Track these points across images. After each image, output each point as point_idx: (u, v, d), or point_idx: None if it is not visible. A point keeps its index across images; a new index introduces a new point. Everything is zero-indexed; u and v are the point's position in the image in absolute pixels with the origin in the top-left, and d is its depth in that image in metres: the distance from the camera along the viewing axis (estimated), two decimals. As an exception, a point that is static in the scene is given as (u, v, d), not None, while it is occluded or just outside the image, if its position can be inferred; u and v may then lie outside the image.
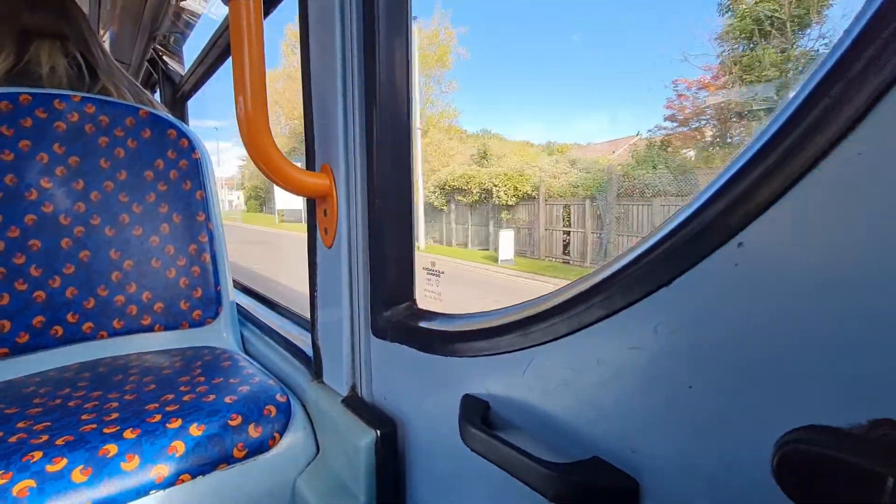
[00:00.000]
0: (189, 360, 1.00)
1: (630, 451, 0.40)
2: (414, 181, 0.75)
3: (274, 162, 0.71)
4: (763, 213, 0.30)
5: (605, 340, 0.41)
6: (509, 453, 0.45)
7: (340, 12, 0.72)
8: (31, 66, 1.15)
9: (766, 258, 0.31)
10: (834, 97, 0.26)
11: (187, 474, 0.70)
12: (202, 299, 1.19)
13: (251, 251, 15.40)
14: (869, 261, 0.26)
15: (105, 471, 0.65)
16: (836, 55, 0.27)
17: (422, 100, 23.45)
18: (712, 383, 0.34)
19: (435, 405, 0.64)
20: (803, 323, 0.29)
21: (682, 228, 0.35)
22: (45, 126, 1.06)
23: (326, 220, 0.80)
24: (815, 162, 0.28)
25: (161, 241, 1.17)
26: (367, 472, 0.71)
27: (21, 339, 0.98)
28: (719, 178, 0.33)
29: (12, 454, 0.64)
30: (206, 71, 1.79)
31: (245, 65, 0.65)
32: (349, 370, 0.81)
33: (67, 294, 1.04)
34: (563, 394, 0.46)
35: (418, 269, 0.78)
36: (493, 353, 0.53)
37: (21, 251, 1.00)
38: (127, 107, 1.18)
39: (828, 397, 0.28)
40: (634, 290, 0.38)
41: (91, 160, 1.11)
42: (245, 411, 0.79)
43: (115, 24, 1.93)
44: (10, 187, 1.01)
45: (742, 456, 0.33)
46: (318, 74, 0.79)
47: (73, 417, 0.74)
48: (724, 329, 0.33)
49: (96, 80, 1.24)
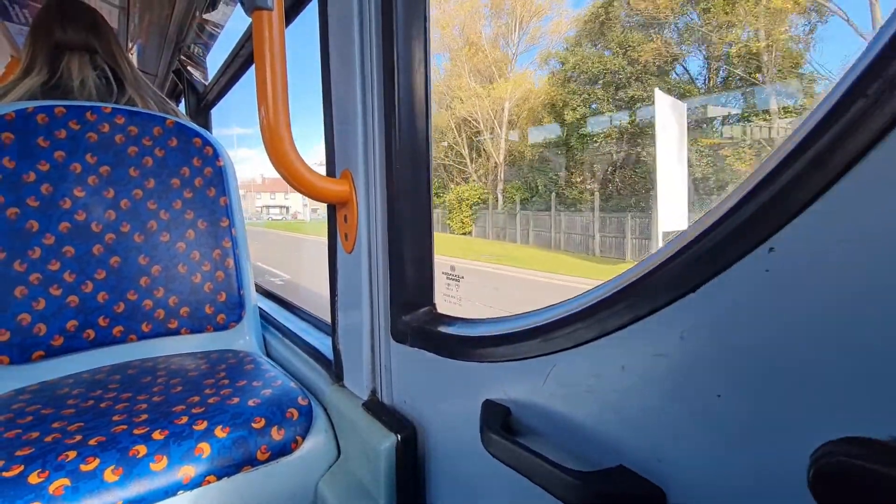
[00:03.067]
0: (214, 363, 1.02)
1: (657, 461, 0.39)
2: (432, 185, 0.76)
3: (295, 169, 0.72)
4: (796, 217, 0.29)
5: (629, 347, 0.41)
6: (531, 460, 0.44)
7: (359, 19, 0.73)
8: (63, 79, 1.20)
9: (799, 263, 0.30)
10: (872, 96, 0.25)
11: (213, 475, 0.72)
12: (226, 303, 1.22)
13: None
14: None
15: (135, 471, 0.67)
16: (873, 53, 0.26)
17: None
18: (742, 392, 0.33)
19: (455, 410, 0.64)
20: (839, 330, 0.28)
21: (709, 233, 0.34)
22: (78, 137, 1.11)
23: (346, 225, 0.81)
24: (852, 163, 0.27)
25: (187, 247, 1.20)
26: (388, 476, 0.71)
27: (56, 342, 1.02)
28: (749, 181, 0.32)
29: (48, 453, 0.66)
30: (229, 80, 1.84)
31: (267, 74, 0.67)
32: (369, 374, 0.82)
33: (99, 299, 1.08)
34: (586, 401, 0.45)
35: (437, 274, 0.78)
36: (514, 358, 0.53)
37: (56, 258, 1.04)
38: (154, 116, 1.22)
39: (865, 408, 0.27)
40: (660, 296, 0.37)
41: (121, 169, 1.15)
42: (268, 414, 0.80)
43: (143, 37, 2.00)
44: (45, 196, 1.05)
45: (775, 468, 0.32)
46: (338, 81, 0.80)
47: (104, 418, 0.77)
48: (755, 336, 0.32)
49: (123, 91, 1.29)
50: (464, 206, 20.74)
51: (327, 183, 0.79)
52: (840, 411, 0.28)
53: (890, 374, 0.26)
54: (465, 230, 20.86)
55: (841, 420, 0.28)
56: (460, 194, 21.10)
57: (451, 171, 23.18)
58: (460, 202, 20.98)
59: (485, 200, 20.68)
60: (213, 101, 2.04)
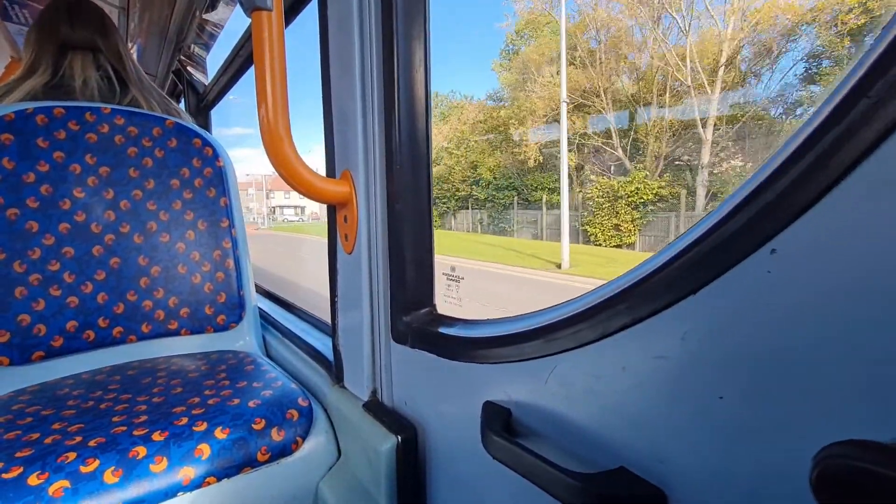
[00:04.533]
0: (214, 364, 1.02)
1: (658, 462, 0.39)
2: (432, 185, 0.75)
3: (295, 169, 0.72)
4: (798, 218, 0.29)
5: (630, 348, 0.40)
6: (532, 461, 0.44)
7: (359, 19, 0.73)
8: (66, 79, 1.20)
9: (801, 265, 0.29)
10: (874, 97, 0.25)
11: (213, 477, 0.72)
12: (226, 304, 1.22)
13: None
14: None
15: (135, 472, 0.67)
16: (876, 54, 0.26)
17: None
18: (744, 394, 0.33)
19: (456, 411, 0.64)
20: (841, 332, 0.28)
21: (711, 234, 0.34)
22: (77, 138, 1.10)
23: (347, 226, 0.81)
24: (855, 164, 0.26)
25: (187, 248, 1.20)
26: (389, 477, 0.71)
27: (56, 342, 1.02)
28: (751, 182, 0.32)
29: (48, 455, 0.66)
30: (228, 80, 1.84)
31: (267, 74, 0.66)
32: (370, 375, 0.81)
33: (99, 299, 1.07)
34: (587, 402, 0.45)
35: (437, 275, 0.78)
36: (515, 359, 0.53)
37: (56, 258, 1.04)
38: (153, 117, 1.21)
39: (868, 410, 0.27)
40: (661, 298, 0.37)
41: (121, 170, 1.15)
42: (268, 415, 0.80)
43: (143, 37, 2.00)
44: (45, 197, 1.05)
45: (777, 470, 0.32)
46: (338, 82, 0.80)
47: (104, 419, 0.76)
48: (756, 338, 0.32)
49: (126, 91, 1.29)
50: (621, 205, 14.73)
51: (327, 183, 0.79)
52: (842, 413, 0.28)
53: (892, 377, 0.26)
54: (622, 240, 14.70)
55: (843, 422, 0.28)
56: (616, 188, 14.79)
57: (585, 153, 17.46)
58: (614, 199, 14.90)
59: (663, 198, 14.24)
60: (213, 101, 2.04)
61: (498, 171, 22.57)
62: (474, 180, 23.40)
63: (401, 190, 0.71)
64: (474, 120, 24.55)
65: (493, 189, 22.23)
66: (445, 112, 26.05)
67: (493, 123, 23.28)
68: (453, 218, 24.43)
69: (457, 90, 31.43)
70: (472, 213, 23.35)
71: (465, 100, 26.27)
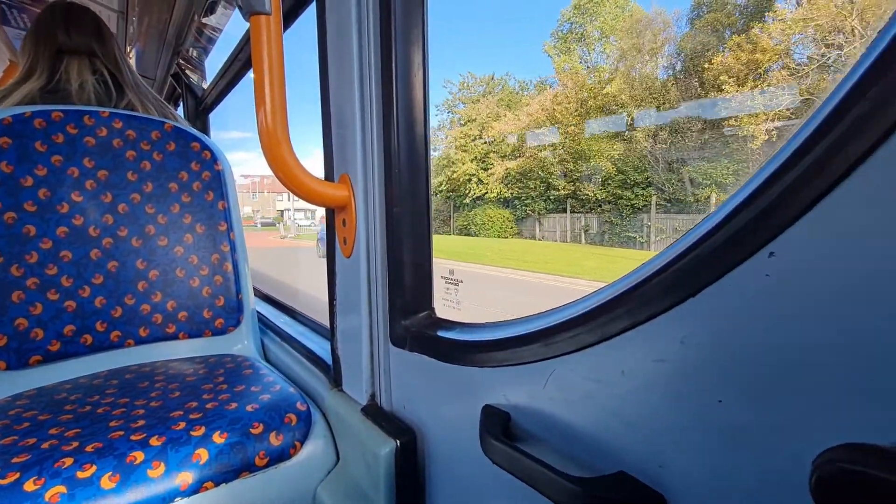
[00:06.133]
0: (212, 368, 1.02)
1: (657, 467, 0.39)
2: (431, 189, 0.75)
3: (293, 173, 0.72)
4: (796, 222, 0.29)
5: (629, 352, 0.40)
6: (531, 466, 0.44)
7: (358, 24, 0.73)
8: (62, 83, 1.20)
9: (799, 268, 0.29)
10: (871, 100, 0.25)
11: (211, 482, 0.71)
12: (224, 308, 1.22)
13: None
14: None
15: (132, 478, 0.66)
16: (872, 56, 0.26)
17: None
18: (743, 398, 0.33)
19: (455, 415, 0.64)
20: (840, 336, 0.28)
21: (709, 237, 0.34)
22: (75, 141, 1.10)
23: (345, 229, 0.81)
24: (852, 168, 0.27)
25: (185, 251, 1.20)
26: (387, 482, 0.71)
27: (53, 346, 1.01)
28: (749, 185, 0.32)
29: (45, 460, 0.66)
30: (227, 84, 1.84)
31: (265, 78, 0.66)
32: (368, 379, 0.81)
33: (96, 303, 1.07)
34: (586, 406, 0.45)
35: (436, 278, 0.77)
36: (514, 363, 0.53)
37: (53, 262, 1.04)
38: (152, 121, 1.21)
39: (867, 414, 0.27)
40: (660, 301, 0.37)
41: (119, 173, 1.15)
42: (266, 419, 0.80)
43: (142, 40, 2.00)
44: (43, 201, 1.04)
45: (777, 474, 0.32)
46: (336, 86, 0.80)
47: (101, 424, 0.76)
48: (755, 342, 0.32)
49: (123, 95, 1.29)
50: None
51: (325, 187, 0.79)
52: (841, 417, 0.28)
53: (891, 380, 0.26)
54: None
55: (842, 426, 0.28)
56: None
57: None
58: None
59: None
60: (212, 104, 2.04)
61: (629, 163, 16.65)
62: (581, 175, 17.51)
63: (399, 193, 0.71)
64: (576, 98, 18.58)
65: (618, 186, 16.66)
66: (511, 96, 22.58)
67: (602, 101, 17.76)
68: (538, 224, 18.56)
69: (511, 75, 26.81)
70: (572, 219, 17.41)
71: (539, 81, 21.59)
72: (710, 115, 15.08)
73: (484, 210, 21.08)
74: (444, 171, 23.55)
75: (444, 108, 25.68)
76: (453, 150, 23.75)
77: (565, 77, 19.65)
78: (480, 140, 23.08)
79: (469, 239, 20.66)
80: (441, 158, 23.96)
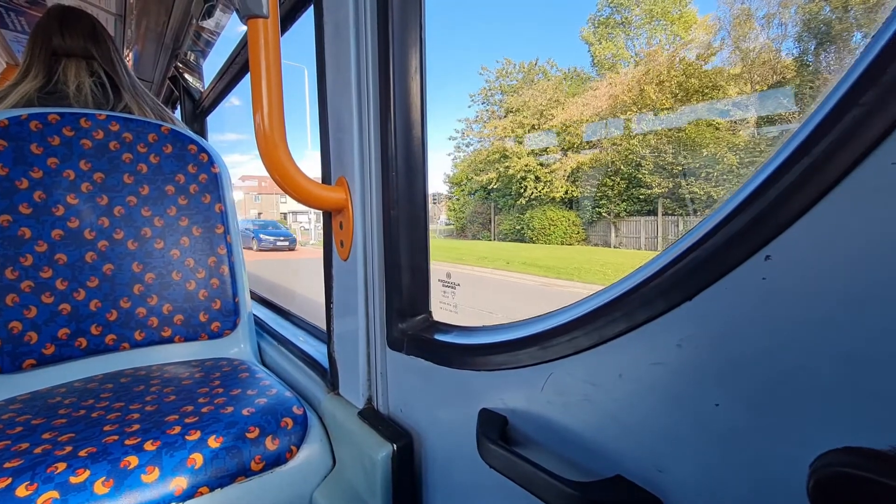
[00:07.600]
0: (208, 371, 1.01)
1: (655, 470, 0.39)
2: (428, 192, 0.75)
3: (290, 176, 0.72)
4: (792, 225, 0.29)
5: (627, 355, 0.40)
6: (528, 470, 0.44)
7: (355, 27, 0.73)
8: (59, 85, 1.20)
9: (795, 271, 0.30)
10: (865, 105, 0.25)
11: (206, 487, 0.71)
12: (221, 311, 1.21)
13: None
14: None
15: (126, 483, 0.66)
16: (866, 62, 0.26)
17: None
18: (740, 401, 0.33)
19: (452, 419, 0.64)
20: (836, 339, 0.28)
21: (705, 241, 0.34)
22: (72, 144, 1.10)
23: (342, 232, 0.81)
24: (847, 172, 0.27)
25: (181, 254, 1.19)
26: (384, 486, 0.70)
27: (47, 350, 1.00)
28: (745, 188, 0.32)
29: (37, 465, 0.65)
30: (224, 87, 1.84)
31: (263, 81, 0.66)
32: (365, 382, 0.81)
33: (91, 306, 1.06)
34: (583, 409, 0.45)
35: (433, 282, 0.77)
36: (511, 367, 0.53)
37: (48, 265, 1.03)
38: (149, 123, 1.21)
39: (864, 417, 0.27)
40: (657, 304, 0.37)
41: (115, 176, 1.14)
42: (262, 423, 0.79)
43: (140, 43, 2.00)
44: (38, 203, 1.04)
45: (774, 478, 0.31)
46: (334, 89, 0.80)
47: (96, 428, 0.75)
48: (752, 345, 0.32)
49: (120, 98, 1.29)
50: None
51: (323, 190, 0.79)
52: (839, 421, 0.28)
53: (888, 383, 0.26)
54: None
55: (840, 429, 0.28)
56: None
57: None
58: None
59: None
60: (209, 107, 2.04)
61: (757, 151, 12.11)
62: (682, 170, 12.90)
63: (396, 196, 0.71)
64: (670, 77, 13.67)
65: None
66: (570, 83, 17.76)
67: (704, 82, 13.42)
68: (613, 229, 14.30)
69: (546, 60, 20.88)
70: (664, 221, 13.11)
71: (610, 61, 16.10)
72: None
73: (543, 212, 16.69)
74: (493, 166, 19.23)
75: (479, 97, 20.76)
76: (509, 142, 19.02)
77: (650, 54, 15.04)
78: (536, 131, 18.18)
79: (527, 246, 16.43)
80: (492, 152, 19.29)
